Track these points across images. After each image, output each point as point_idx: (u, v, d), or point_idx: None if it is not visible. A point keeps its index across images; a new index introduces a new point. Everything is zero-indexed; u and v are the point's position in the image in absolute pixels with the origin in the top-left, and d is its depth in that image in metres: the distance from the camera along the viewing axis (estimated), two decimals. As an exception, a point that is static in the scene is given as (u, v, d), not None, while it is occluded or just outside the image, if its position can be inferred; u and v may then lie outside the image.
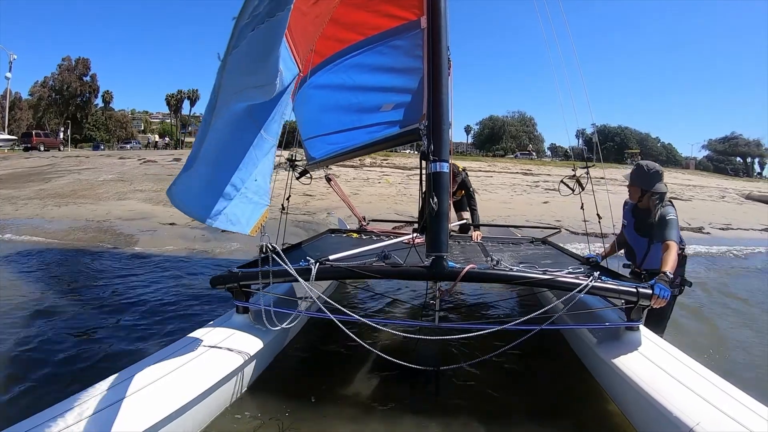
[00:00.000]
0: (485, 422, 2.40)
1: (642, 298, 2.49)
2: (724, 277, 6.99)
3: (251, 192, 2.30)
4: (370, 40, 3.57)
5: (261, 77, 1.93)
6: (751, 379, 3.16)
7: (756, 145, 66.42)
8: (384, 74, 3.65)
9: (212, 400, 2.30)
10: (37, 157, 23.43)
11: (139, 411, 1.89)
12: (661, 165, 3.22)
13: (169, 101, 63.89)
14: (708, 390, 2.09)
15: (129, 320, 3.87)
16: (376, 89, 3.74)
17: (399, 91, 3.62)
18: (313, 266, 2.61)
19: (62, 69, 50.70)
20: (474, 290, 5.00)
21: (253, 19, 1.81)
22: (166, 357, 2.35)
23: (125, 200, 11.47)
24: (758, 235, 12.37)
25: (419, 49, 3.39)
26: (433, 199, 2.57)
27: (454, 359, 3.06)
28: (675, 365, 2.34)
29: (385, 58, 3.58)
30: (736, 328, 4.38)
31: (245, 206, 2.27)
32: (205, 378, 2.25)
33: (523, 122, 65.36)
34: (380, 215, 9.61)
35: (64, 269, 5.72)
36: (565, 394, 2.73)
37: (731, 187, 26.41)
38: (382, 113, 3.75)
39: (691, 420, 1.91)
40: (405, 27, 3.44)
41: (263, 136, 2.29)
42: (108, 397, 1.94)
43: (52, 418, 1.77)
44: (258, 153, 2.29)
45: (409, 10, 3.39)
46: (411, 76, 3.50)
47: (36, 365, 2.98)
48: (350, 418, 2.40)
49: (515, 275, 2.68)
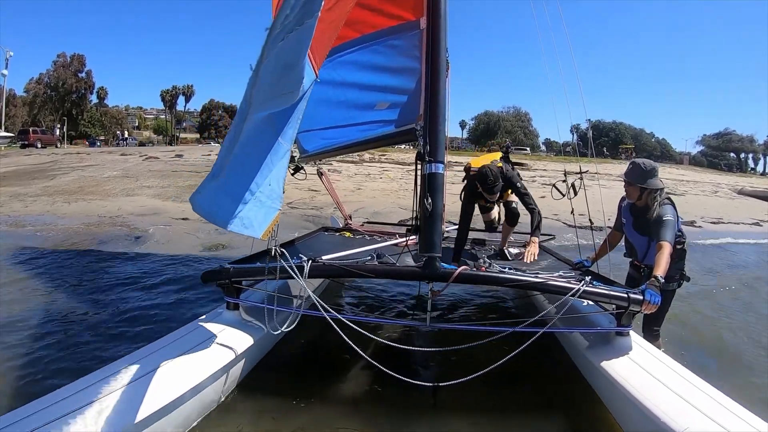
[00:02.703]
0: (478, 422, 2.42)
1: (633, 304, 2.51)
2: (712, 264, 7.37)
3: (265, 196, 2.30)
4: (366, 37, 3.55)
5: (287, 85, 1.98)
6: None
7: (749, 140, 67.37)
8: (379, 73, 3.65)
9: (201, 398, 2.28)
10: (37, 154, 23.47)
11: (126, 408, 1.87)
12: (655, 160, 3.39)
13: (164, 97, 63.75)
14: (696, 396, 2.12)
15: (146, 311, 3.98)
16: (370, 87, 3.74)
17: (395, 91, 3.62)
18: (305, 264, 2.57)
19: (57, 65, 50.54)
20: (465, 294, 4.84)
21: (283, 29, 1.85)
22: (153, 353, 2.34)
23: (134, 196, 11.65)
24: (748, 228, 12.77)
25: (417, 50, 3.37)
26: (427, 199, 2.56)
27: (451, 368, 2.90)
28: (664, 371, 2.36)
29: (381, 57, 3.58)
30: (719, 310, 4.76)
31: (259, 210, 2.28)
32: (193, 375, 2.24)
33: (518, 117, 65.73)
34: (385, 210, 9.94)
35: (81, 264, 5.80)
36: (558, 397, 2.74)
37: (724, 182, 26.86)
38: (377, 111, 3.78)
39: (679, 426, 1.93)
40: (403, 27, 3.44)
41: (280, 142, 2.30)
42: (94, 393, 1.93)
43: (35, 412, 1.77)
44: (274, 158, 2.30)
45: (409, 10, 3.38)
46: (408, 77, 3.50)
47: (28, 357, 3.02)
48: (340, 416, 2.40)
49: (507, 277, 2.67)
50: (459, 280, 2.55)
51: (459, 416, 2.46)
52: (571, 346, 3.06)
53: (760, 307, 5.14)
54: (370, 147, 4.18)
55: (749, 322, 4.55)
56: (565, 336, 3.14)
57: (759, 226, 13.28)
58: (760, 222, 13.76)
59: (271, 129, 2.22)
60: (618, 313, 2.63)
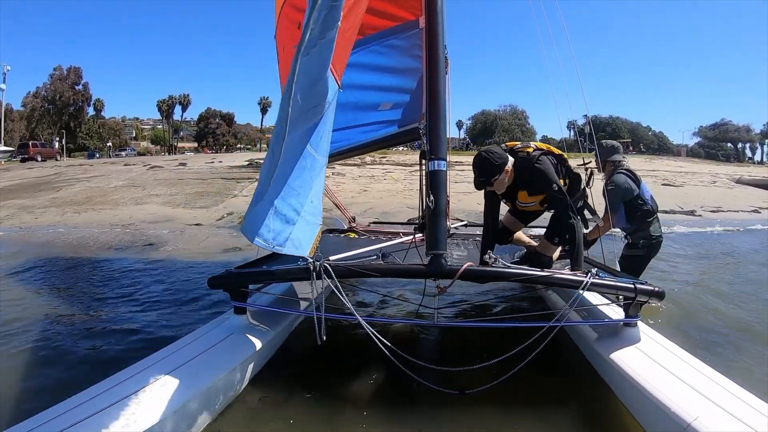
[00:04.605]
0: (489, 413, 2.41)
1: (640, 294, 2.51)
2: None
3: (309, 214, 2.30)
4: (368, 39, 3.56)
5: (314, 99, 2.00)
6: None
7: (746, 130, 67.72)
8: (382, 74, 3.67)
9: (210, 401, 2.30)
10: (40, 167, 23.63)
11: (135, 413, 1.90)
12: (653, 153, 3.69)
13: (160, 107, 63.98)
14: (706, 385, 2.12)
15: (162, 314, 4.01)
16: (373, 88, 3.75)
17: (397, 91, 3.66)
18: (311, 265, 2.52)
19: (54, 78, 50.81)
20: (469, 292, 4.70)
21: (308, 45, 1.85)
22: (161, 359, 2.35)
23: (144, 204, 11.80)
24: (747, 216, 12.99)
25: (418, 49, 3.41)
26: (429, 197, 2.56)
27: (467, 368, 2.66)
28: (673, 361, 2.37)
29: (383, 58, 3.60)
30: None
31: (305, 229, 2.28)
32: (200, 380, 2.25)
33: (515, 115, 65.92)
34: (393, 210, 10.08)
35: (99, 271, 5.84)
36: (570, 389, 2.73)
37: (722, 172, 27.01)
38: (381, 112, 3.81)
39: (689, 415, 1.93)
40: (403, 27, 3.48)
41: (315, 157, 2.29)
42: (104, 399, 1.96)
43: (49, 420, 1.81)
44: (312, 174, 2.29)
45: (408, 10, 3.43)
46: (409, 76, 3.53)
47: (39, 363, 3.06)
48: (349, 420, 2.37)
49: (514, 272, 2.66)
50: (465, 276, 2.49)
51: (470, 411, 2.44)
52: (581, 339, 3.05)
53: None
54: (375, 148, 4.18)
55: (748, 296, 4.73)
56: (575, 329, 3.12)
57: (758, 213, 13.50)
58: (759, 209, 13.97)
59: (306, 146, 2.20)
60: (626, 304, 2.62)
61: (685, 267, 6.27)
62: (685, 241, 8.66)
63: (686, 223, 10.97)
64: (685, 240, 8.78)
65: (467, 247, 4.10)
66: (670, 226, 9.96)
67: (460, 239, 4.53)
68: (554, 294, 3.66)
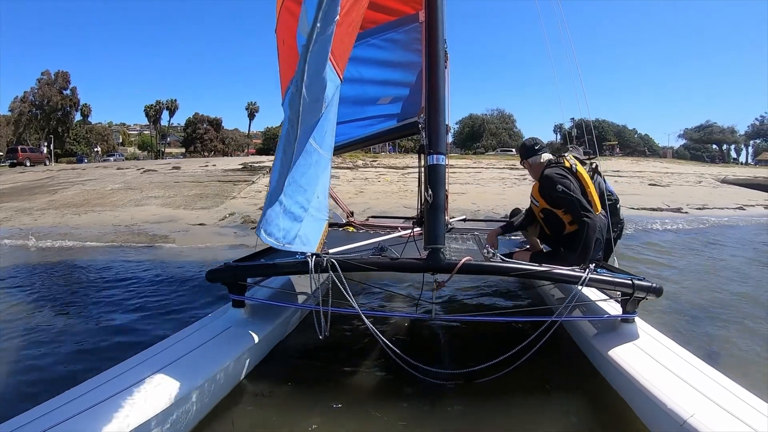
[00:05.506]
0: (486, 407, 2.39)
1: (637, 291, 2.50)
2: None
3: (315, 209, 2.30)
4: (367, 33, 3.54)
5: (315, 93, 2.00)
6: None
7: (730, 132, 69.10)
8: (382, 67, 3.67)
9: (208, 395, 2.28)
10: (31, 171, 23.53)
11: (132, 407, 1.89)
12: (639, 155, 3.62)
13: (147, 112, 63.64)
14: (703, 382, 2.13)
15: (163, 310, 4.01)
16: (373, 82, 3.75)
17: (397, 85, 3.66)
18: (309, 259, 2.52)
19: (42, 83, 50.21)
20: (466, 287, 4.70)
21: (309, 42, 1.86)
22: (159, 352, 2.33)
23: (144, 206, 11.86)
24: (732, 213, 13.53)
25: (417, 43, 3.42)
26: (428, 191, 2.57)
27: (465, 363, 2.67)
28: (670, 357, 2.38)
29: (383, 52, 3.61)
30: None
31: (312, 225, 2.29)
32: (198, 373, 2.24)
33: (503, 119, 66.63)
34: (390, 210, 10.30)
35: (107, 268, 5.85)
36: (569, 384, 2.68)
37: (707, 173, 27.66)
38: (380, 106, 3.80)
39: (685, 411, 1.93)
40: (403, 21, 3.50)
41: (321, 153, 2.28)
42: (99, 394, 1.94)
43: (45, 414, 1.79)
44: (318, 170, 2.29)
45: (408, 4, 3.44)
46: (409, 70, 3.54)
47: (37, 357, 3.06)
48: (348, 415, 2.34)
49: (512, 267, 2.66)
50: (463, 270, 2.48)
51: (471, 406, 2.42)
52: (579, 335, 3.05)
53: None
54: (374, 142, 4.17)
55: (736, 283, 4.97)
56: (572, 325, 3.13)
57: (743, 210, 14.07)
58: (743, 206, 14.53)
59: (311, 143, 2.19)
60: (623, 299, 2.62)
61: (678, 262, 6.43)
62: (673, 236, 9.04)
63: (677, 220, 11.41)
64: (673, 235, 9.17)
65: (466, 241, 4.17)
66: (658, 222, 10.39)
67: (459, 234, 4.59)
68: (553, 290, 3.70)
